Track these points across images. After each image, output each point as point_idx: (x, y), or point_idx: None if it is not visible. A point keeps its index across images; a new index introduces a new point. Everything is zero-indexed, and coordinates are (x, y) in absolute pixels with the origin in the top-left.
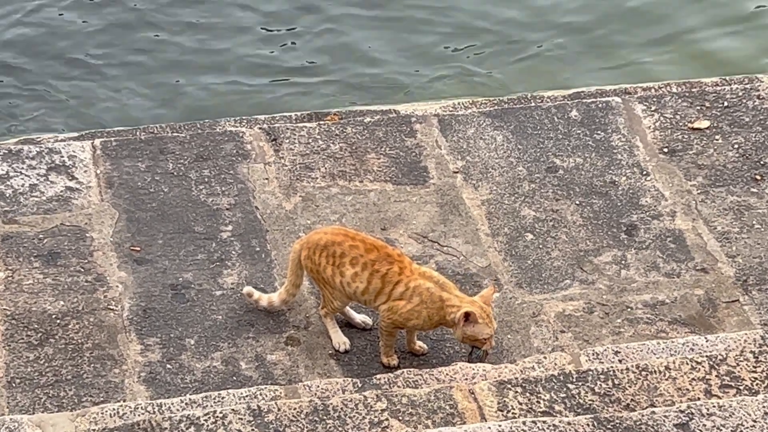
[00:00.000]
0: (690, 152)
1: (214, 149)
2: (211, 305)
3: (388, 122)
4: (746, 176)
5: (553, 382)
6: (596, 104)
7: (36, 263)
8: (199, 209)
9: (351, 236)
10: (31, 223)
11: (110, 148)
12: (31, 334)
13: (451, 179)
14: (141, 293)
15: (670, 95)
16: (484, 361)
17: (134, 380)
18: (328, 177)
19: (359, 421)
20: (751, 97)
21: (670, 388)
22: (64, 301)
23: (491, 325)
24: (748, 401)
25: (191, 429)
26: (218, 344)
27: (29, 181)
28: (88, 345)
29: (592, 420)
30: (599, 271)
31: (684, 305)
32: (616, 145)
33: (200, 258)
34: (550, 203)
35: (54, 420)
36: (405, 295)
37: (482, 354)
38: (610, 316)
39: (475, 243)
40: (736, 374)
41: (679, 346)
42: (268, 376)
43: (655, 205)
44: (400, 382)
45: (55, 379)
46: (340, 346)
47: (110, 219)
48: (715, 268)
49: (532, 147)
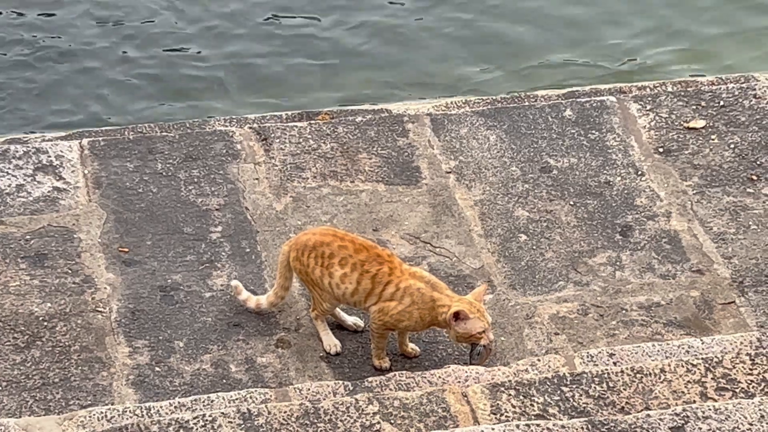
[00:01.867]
0: (685, 152)
1: (204, 149)
2: (201, 307)
3: (380, 122)
4: (742, 176)
5: (547, 385)
6: (591, 103)
7: (23, 264)
8: (189, 210)
9: (340, 236)
10: (18, 223)
11: (98, 147)
12: (17, 337)
13: (444, 179)
14: (129, 295)
15: (666, 94)
16: (486, 359)
17: (122, 383)
18: (319, 177)
19: (350, 425)
20: (747, 96)
21: (666, 390)
22: (51, 302)
23: (483, 318)
24: (745, 404)
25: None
26: (208, 347)
27: (16, 181)
28: (76, 347)
29: (587, 423)
30: (594, 273)
31: (679, 307)
32: (610, 144)
33: (189, 259)
34: (544, 204)
35: (41, 423)
36: (396, 296)
37: (483, 352)
38: (604, 318)
39: (468, 244)
40: (732, 377)
41: (675, 349)
42: (259, 379)
43: (650, 205)
44: (392, 384)
45: (42, 382)
46: (331, 349)
47: (98, 220)
48: (711, 270)
49: (526, 147)
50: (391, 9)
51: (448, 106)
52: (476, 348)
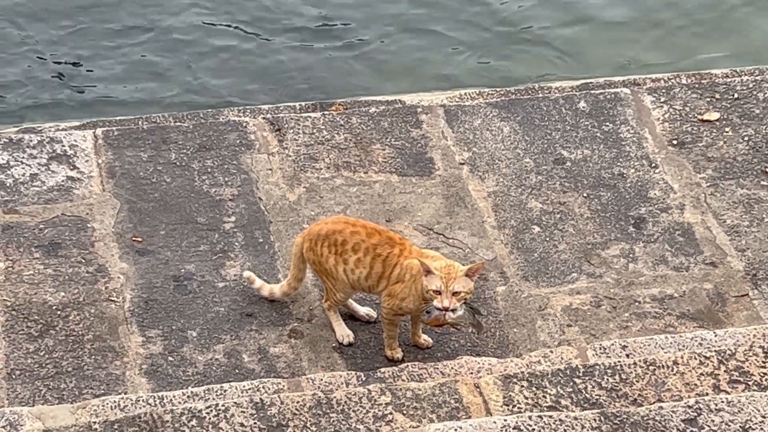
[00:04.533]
0: (699, 144)
1: (217, 139)
2: (214, 297)
3: (394, 113)
4: (756, 169)
5: (560, 377)
6: (605, 95)
7: (36, 254)
8: (202, 200)
9: (351, 223)
10: (32, 213)
11: (112, 137)
12: (31, 326)
13: (457, 171)
14: (142, 284)
15: (680, 87)
16: (440, 327)
17: (135, 372)
18: (332, 168)
19: (363, 415)
20: (762, 89)
21: (678, 383)
22: (64, 292)
23: (444, 282)
24: (758, 397)
25: (193, 422)
26: (220, 336)
27: (30, 170)
28: (89, 337)
29: (599, 415)
30: (607, 265)
31: (692, 299)
32: (624, 137)
33: (203, 249)
34: (558, 195)
35: (54, 412)
36: (401, 276)
37: (434, 312)
38: (617, 310)
39: (481, 235)
40: (745, 369)
41: (688, 341)
42: (271, 369)
43: (664, 197)
44: (405, 375)
45: (56, 371)
46: (344, 339)
47: (112, 209)
48: (725, 262)
49: (540, 138)
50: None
51: (461, 98)
52: (429, 306)
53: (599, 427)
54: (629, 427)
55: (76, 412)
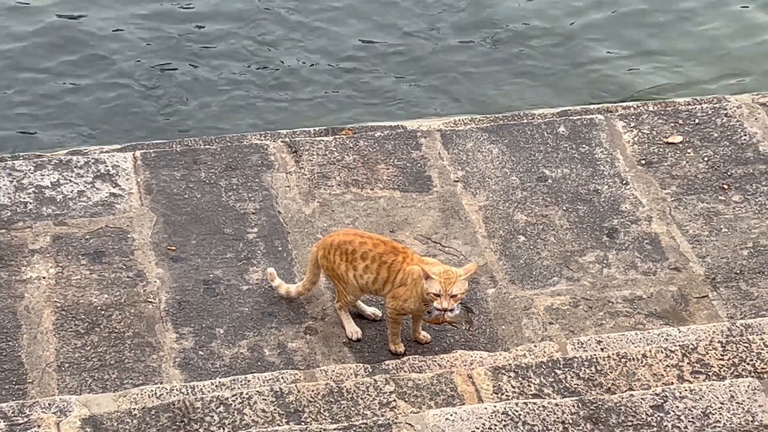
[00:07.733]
0: (665, 164)
1: (242, 160)
2: (239, 298)
3: (396, 136)
4: (715, 185)
5: (543, 368)
6: (581, 121)
7: (83, 261)
8: (228, 213)
9: (360, 234)
10: (79, 225)
11: (149, 158)
12: (78, 324)
13: (452, 187)
14: (176, 288)
15: (647, 113)
16: (439, 324)
17: (170, 365)
18: (342, 185)
19: (370, 402)
20: (720, 115)
21: (647, 373)
22: (108, 294)
23: (443, 286)
24: (717, 386)
25: (221, 408)
26: (245, 333)
27: (77, 187)
28: (129, 334)
29: (577, 402)
30: (584, 270)
31: (659, 300)
32: (599, 157)
33: (229, 257)
34: (540, 209)
35: (99, 400)
36: (403, 281)
37: (435, 313)
38: (593, 310)
39: (473, 244)
40: (705, 362)
41: (655, 337)
42: (289, 362)
43: (634, 210)
44: (407, 367)
45: (100, 363)
46: (353, 335)
47: (149, 222)
48: (687, 268)
49: (525, 159)
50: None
51: (456, 123)
52: (430, 307)
53: (577, 413)
54: (604, 412)
55: (118, 400)
